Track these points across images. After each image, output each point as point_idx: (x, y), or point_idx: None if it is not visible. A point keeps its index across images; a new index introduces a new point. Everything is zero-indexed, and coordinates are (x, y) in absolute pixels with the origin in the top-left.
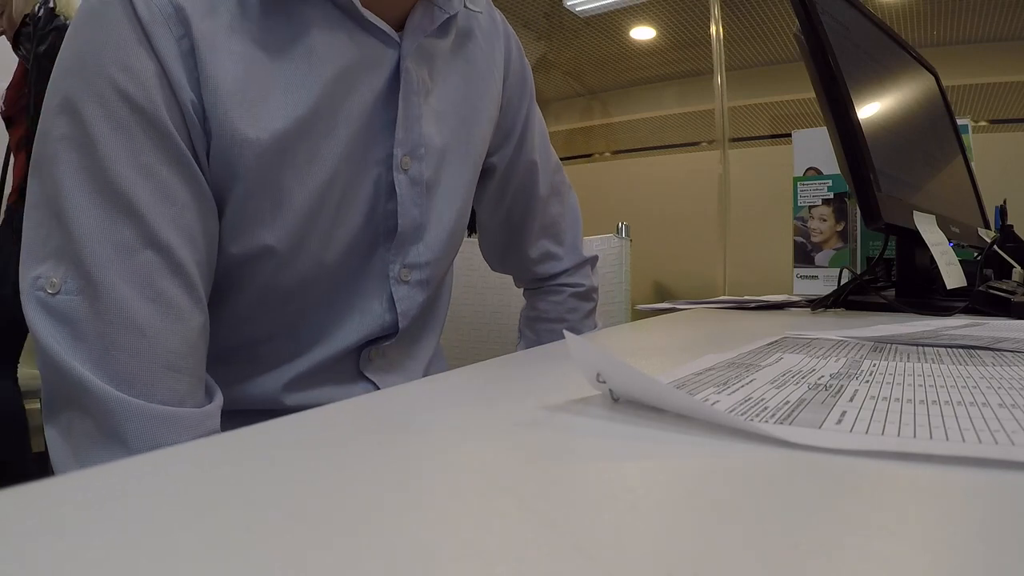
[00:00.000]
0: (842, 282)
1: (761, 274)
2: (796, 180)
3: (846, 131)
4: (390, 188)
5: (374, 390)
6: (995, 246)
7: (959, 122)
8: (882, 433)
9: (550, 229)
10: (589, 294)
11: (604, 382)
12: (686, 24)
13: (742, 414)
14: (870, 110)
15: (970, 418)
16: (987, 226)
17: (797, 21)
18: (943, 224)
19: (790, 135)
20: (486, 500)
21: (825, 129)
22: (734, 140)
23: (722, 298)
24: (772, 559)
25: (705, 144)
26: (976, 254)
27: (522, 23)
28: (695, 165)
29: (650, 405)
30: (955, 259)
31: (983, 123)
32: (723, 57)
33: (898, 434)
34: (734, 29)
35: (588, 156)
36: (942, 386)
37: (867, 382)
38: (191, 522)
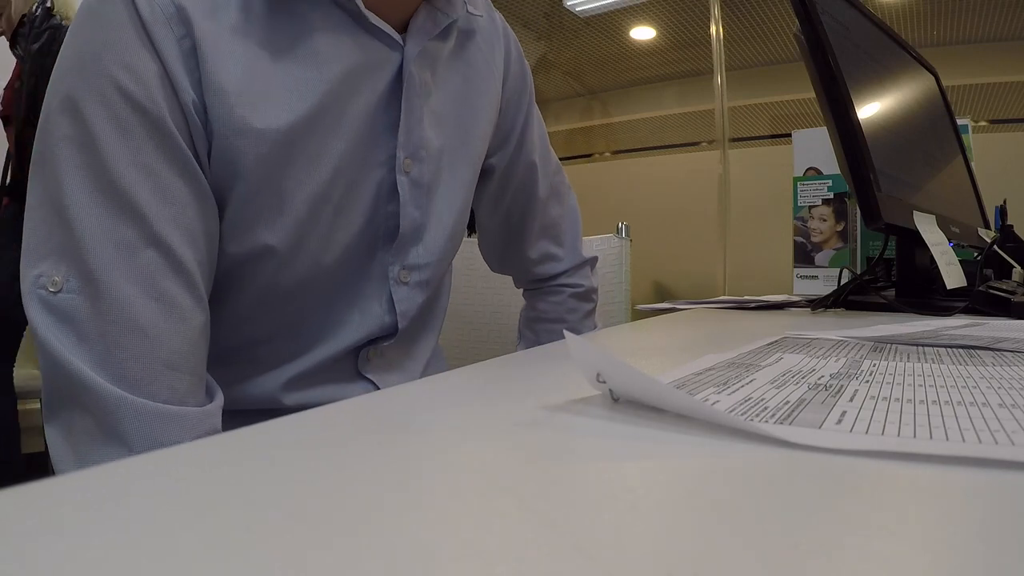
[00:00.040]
0: (842, 282)
1: (761, 274)
2: (796, 180)
3: (846, 131)
4: (391, 190)
5: (373, 389)
6: (995, 246)
7: (959, 122)
8: (882, 433)
9: (550, 230)
10: (589, 295)
11: (604, 382)
12: (686, 24)
13: (742, 414)
14: (870, 110)
15: (970, 418)
16: (987, 226)
17: (797, 21)
18: (943, 224)
19: (790, 135)
20: (486, 500)
21: (825, 129)
22: (734, 140)
23: (722, 298)
24: (772, 559)
25: (705, 144)
26: (976, 254)
27: (522, 23)
28: (695, 165)
29: (650, 405)
30: (955, 259)
31: (983, 123)
32: (723, 57)
33: (898, 434)
34: (734, 29)
35: (588, 156)
36: (942, 386)
37: (867, 382)
38: (191, 522)
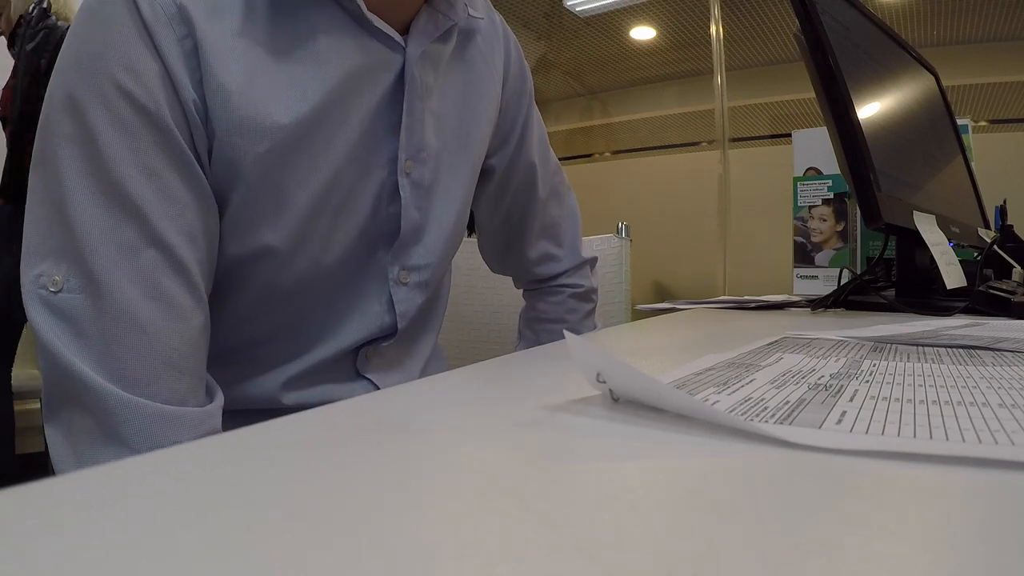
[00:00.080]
0: (842, 282)
1: (761, 274)
2: (796, 180)
3: (846, 131)
4: (393, 191)
5: (372, 388)
6: (995, 246)
7: (959, 122)
8: (882, 433)
9: (549, 230)
10: (588, 295)
11: (604, 382)
12: (686, 24)
13: (742, 414)
14: (870, 110)
15: (970, 418)
16: (987, 226)
17: (797, 21)
18: (943, 224)
19: (790, 135)
20: (486, 500)
21: (825, 129)
22: (734, 140)
23: (722, 298)
24: (772, 559)
25: (705, 144)
26: (976, 254)
27: (522, 23)
28: (695, 165)
29: (650, 405)
30: (955, 259)
31: (983, 123)
32: (723, 57)
33: (898, 434)
34: (734, 29)
35: (588, 156)
36: (942, 386)
37: (867, 382)
38: (191, 522)
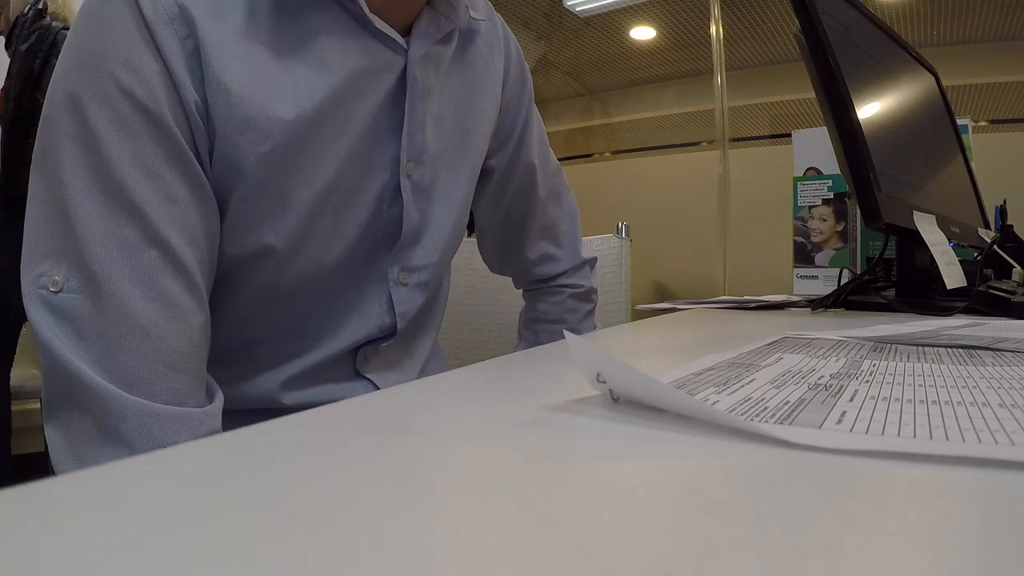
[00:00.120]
0: (842, 282)
1: (761, 274)
2: (796, 180)
3: (846, 131)
4: (394, 192)
5: (372, 388)
6: (995, 246)
7: (959, 122)
8: (882, 433)
9: (549, 231)
10: (588, 295)
11: (604, 382)
12: (686, 24)
13: (742, 414)
14: (870, 110)
15: (970, 418)
16: (987, 226)
17: (797, 21)
18: (943, 224)
19: (790, 135)
20: (486, 500)
21: (825, 129)
22: (734, 140)
23: (722, 298)
24: (772, 559)
25: (705, 144)
26: (976, 254)
27: (522, 23)
28: (695, 165)
29: (650, 405)
30: (955, 259)
31: (983, 123)
32: (723, 57)
33: (898, 434)
34: (734, 29)
35: (588, 156)
36: (942, 386)
37: (867, 382)
38: (191, 522)
